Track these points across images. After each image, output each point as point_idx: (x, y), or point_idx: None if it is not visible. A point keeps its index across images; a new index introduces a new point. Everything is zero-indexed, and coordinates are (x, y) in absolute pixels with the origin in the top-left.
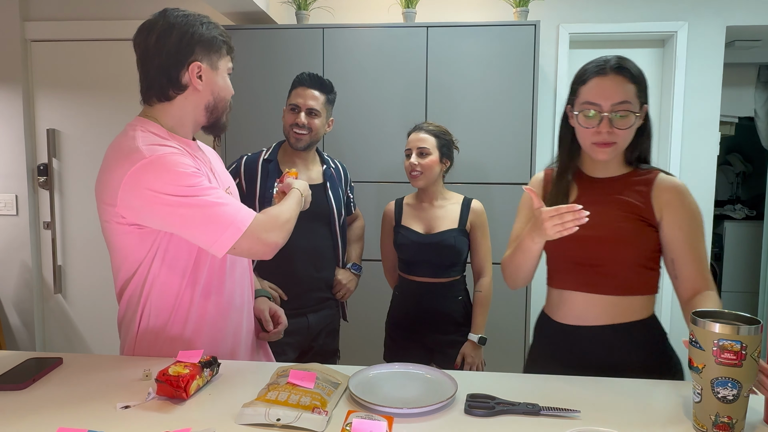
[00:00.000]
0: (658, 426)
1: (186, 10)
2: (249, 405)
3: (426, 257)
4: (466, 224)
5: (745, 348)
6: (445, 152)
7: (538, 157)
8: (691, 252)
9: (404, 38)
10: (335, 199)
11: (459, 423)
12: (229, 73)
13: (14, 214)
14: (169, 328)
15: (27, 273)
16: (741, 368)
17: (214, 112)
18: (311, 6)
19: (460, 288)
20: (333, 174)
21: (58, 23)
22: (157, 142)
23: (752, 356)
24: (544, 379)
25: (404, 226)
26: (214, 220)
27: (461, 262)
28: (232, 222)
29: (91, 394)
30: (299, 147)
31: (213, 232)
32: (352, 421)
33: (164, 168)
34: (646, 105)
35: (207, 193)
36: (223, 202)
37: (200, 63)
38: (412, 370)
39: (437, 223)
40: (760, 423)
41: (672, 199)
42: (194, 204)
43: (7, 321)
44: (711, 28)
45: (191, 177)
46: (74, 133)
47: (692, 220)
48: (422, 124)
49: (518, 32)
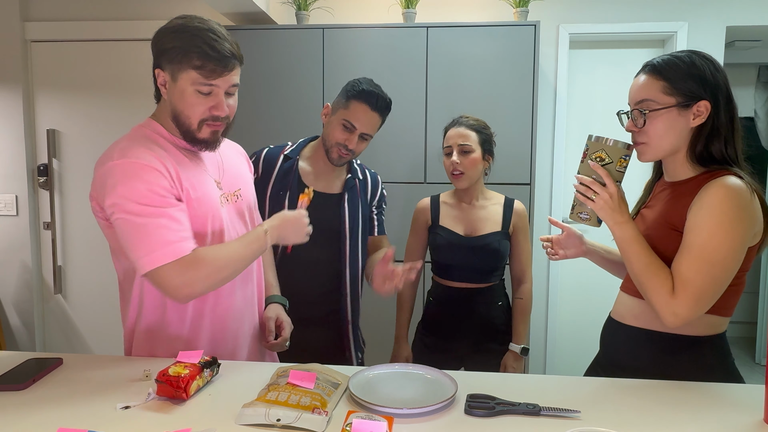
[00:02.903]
0: (658, 426)
1: (187, 18)
2: (249, 405)
3: (466, 261)
4: (509, 227)
5: (586, 151)
6: (487, 148)
7: (538, 157)
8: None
9: (404, 38)
10: (350, 214)
11: (459, 423)
12: (199, 90)
13: (14, 214)
14: (167, 328)
15: (27, 273)
16: (583, 164)
17: (181, 125)
18: (311, 6)
19: (500, 293)
20: (356, 185)
21: (58, 23)
22: (138, 146)
23: (591, 158)
24: (544, 379)
25: (442, 227)
26: (144, 238)
27: (502, 267)
28: (158, 249)
29: (91, 394)
30: (338, 164)
31: (139, 249)
32: (352, 421)
33: (119, 175)
34: (704, 101)
35: (150, 213)
36: (164, 225)
37: (162, 71)
38: (412, 370)
39: (479, 225)
40: (760, 423)
41: (696, 202)
42: (134, 219)
43: (7, 321)
44: (711, 28)
45: (142, 192)
46: (74, 133)
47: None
48: (461, 118)
49: (518, 32)
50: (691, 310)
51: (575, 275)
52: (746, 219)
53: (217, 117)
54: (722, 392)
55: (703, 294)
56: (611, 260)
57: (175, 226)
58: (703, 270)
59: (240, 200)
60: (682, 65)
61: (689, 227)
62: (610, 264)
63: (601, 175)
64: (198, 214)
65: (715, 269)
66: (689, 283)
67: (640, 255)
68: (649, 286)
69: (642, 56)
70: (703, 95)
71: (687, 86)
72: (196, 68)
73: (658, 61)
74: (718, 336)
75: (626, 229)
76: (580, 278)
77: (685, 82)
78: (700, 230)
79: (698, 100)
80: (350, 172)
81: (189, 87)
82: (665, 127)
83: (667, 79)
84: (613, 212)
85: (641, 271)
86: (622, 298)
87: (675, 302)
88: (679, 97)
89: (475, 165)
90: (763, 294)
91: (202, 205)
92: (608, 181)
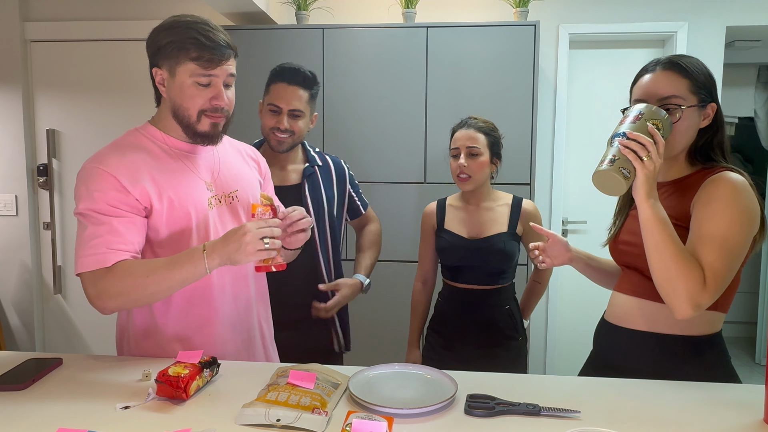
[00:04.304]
0: (658, 426)
1: (179, 17)
2: (249, 405)
3: (472, 263)
4: (517, 227)
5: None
6: (495, 151)
7: (538, 157)
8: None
9: (404, 38)
10: (315, 203)
11: (459, 423)
12: (198, 81)
13: (14, 214)
14: (164, 328)
15: (27, 273)
16: (635, 125)
17: (181, 121)
18: (311, 6)
19: (508, 296)
20: (316, 173)
21: (58, 23)
22: (114, 152)
23: (647, 121)
24: (544, 379)
25: (447, 230)
26: (80, 242)
27: (511, 268)
28: (84, 255)
29: (91, 394)
30: (281, 150)
31: (76, 251)
32: (352, 421)
33: (83, 178)
34: (713, 103)
35: (94, 220)
36: (100, 233)
37: (159, 69)
38: (412, 370)
39: (485, 226)
40: (760, 423)
41: (702, 196)
42: (82, 221)
43: (7, 321)
44: (711, 29)
45: (94, 197)
46: (74, 134)
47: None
48: (469, 119)
49: (518, 32)
50: (710, 300)
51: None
52: (754, 211)
53: (217, 107)
54: (722, 392)
55: (724, 284)
56: (594, 267)
57: (110, 237)
58: (727, 259)
59: (236, 201)
60: (700, 66)
61: (701, 218)
62: (593, 271)
63: (658, 144)
64: (178, 215)
65: (735, 259)
66: (718, 273)
67: (673, 238)
68: (680, 273)
69: (642, 56)
70: (713, 97)
71: (705, 87)
72: (194, 59)
73: (678, 59)
74: (716, 334)
75: (659, 208)
76: (580, 278)
77: (703, 83)
78: (717, 221)
79: (710, 101)
80: (308, 161)
81: (188, 80)
82: (687, 125)
83: (691, 77)
84: (651, 187)
85: (674, 256)
86: (618, 300)
87: (704, 292)
88: (700, 97)
89: (482, 168)
90: (763, 294)
91: (183, 207)
92: (661, 151)
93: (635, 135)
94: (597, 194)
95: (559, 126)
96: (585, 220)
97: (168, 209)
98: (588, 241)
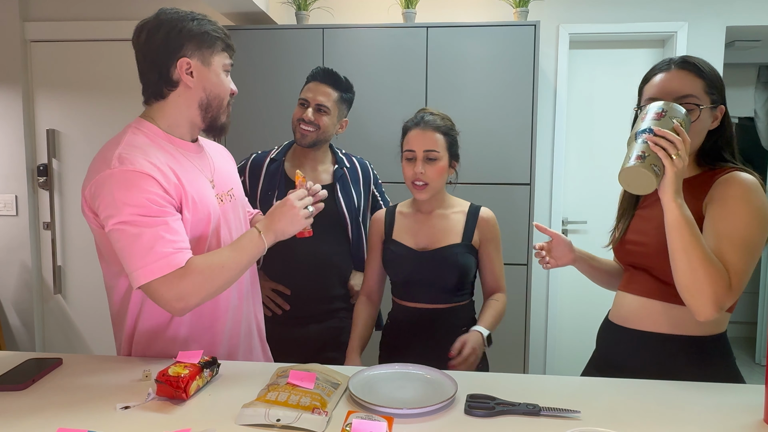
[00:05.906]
0: (658, 426)
1: (180, 9)
2: (249, 405)
3: (422, 277)
4: (473, 238)
5: (665, 112)
6: (453, 152)
7: (538, 157)
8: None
9: (404, 38)
10: (347, 203)
11: (459, 423)
12: (226, 70)
13: (14, 214)
14: (161, 328)
15: (27, 273)
16: (660, 121)
17: (209, 111)
18: (311, 6)
19: (466, 316)
20: (346, 174)
21: (58, 23)
22: (136, 152)
23: (671, 119)
24: (543, 379)
25: (395, 241)
26: (138, 250)
27: (468, 284)
28: (151, 262)
29: (91, 394)
30: (304, 144)
31: (134, 262)
32: (352, 421)
33: (116, 185)
34: (722, 105)
35: (145, 223)
36: (159, 235)
37: (189, 59)
38: (412, 370)
39: (437, 237)
40: (760, 423)
41: (715, 195)
42: (130, 229)
43: (7, 321)
44: (711, 29)
45: (138, 202)
46: (74, 134)
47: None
48: (425, 115)
49: (518, 32)
50: (732, 302)
51: (575, 275)
52: (767, 210)
53: (233, 95)
54: (722, 392)
55: (744, 285)
56: (596, 268)
57: (171, 237)
58: (748, 260)
59: (234, 200)
60: (711, 68)
61: (717, 219)
62: (595, 272)
63: (685, 142)
64: (200, 216)
65: (754, 260)
66: (741, 275)
67: (700, 240)
68: (707, 274)
69: (642, 56)
70: (722, 99)
71: (717, 89)
72: (225, 49)
73: (692, 59)
74: (722, 335)
75: (686, 209)
76: (580, 278)
77: (715, 85)
78: (735, 221)
79: (720, 103)
80: (336, 162)
81: (221, 69)
82: (701, 125)
83: (705, 78)
84: (679, 186)
85: (701, 258)
86: (624, 300)
87: (729, 294)
88: (712, 98)
89: (441, 174)
90: (763, 294)
91: (204, 206)
92: (688, 149)
93: (663, 132)
94: (597, 194)
95: (559, 126)
96: (585, 220)
97: (192, 207)
98: (588, 242)
